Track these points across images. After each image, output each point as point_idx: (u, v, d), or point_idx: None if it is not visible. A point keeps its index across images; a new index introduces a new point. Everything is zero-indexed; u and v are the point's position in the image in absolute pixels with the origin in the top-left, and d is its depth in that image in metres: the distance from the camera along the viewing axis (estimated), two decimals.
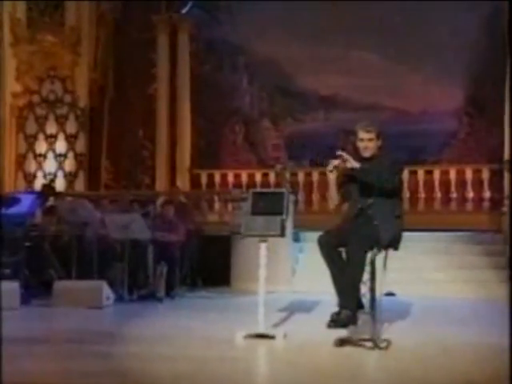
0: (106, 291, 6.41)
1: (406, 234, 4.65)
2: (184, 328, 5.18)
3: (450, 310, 6.28)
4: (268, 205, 4.60)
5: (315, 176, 10.31)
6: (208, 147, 11.41)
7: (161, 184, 10.85)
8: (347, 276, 4.40)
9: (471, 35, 10.06)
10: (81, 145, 10.84)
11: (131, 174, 11.11)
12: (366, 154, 4.61)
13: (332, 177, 4.55)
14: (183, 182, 10.83)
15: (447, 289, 7.33)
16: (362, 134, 4.60)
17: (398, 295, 7.04)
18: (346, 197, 4.68)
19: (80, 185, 10.76)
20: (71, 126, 10.85)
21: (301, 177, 10.45)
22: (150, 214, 7.59)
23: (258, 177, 10.68)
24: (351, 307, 4.40)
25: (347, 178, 4.60)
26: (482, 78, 10.10)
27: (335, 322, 4.41)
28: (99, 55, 10.82)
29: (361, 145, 4.62)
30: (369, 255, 4.41)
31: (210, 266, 8.24)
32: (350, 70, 10.65)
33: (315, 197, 10.29)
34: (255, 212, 4.60)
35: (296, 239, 8.39)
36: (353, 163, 4.44)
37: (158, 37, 10.94)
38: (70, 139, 10.85)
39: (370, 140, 4.59)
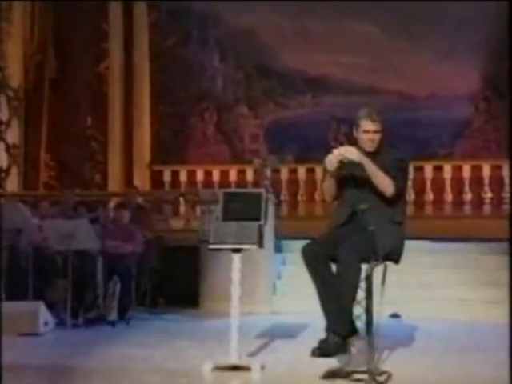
0: (44, 315, 6.34)
1: (409, 244, 4.68)
2: (141, 359, 5.16)
3: (464, 337, 6.31)
4: (243, 208, 4.61)
5: (301, 173, 10.35)
6: (172, 138, 11.39)
7: (114, 183, 10.83)
8: (337, 294, 4.43)
9: (490, 6, 10.15)
10: (14, 134, 10.75)
11: (77, 170, 11.05)
12: (371, 148, 4.61)
13: (331, 169, 4.51)
14: (142, 181, 10.81)
15: (461, 310, 7.38)
16: (368, 125, 4.60)
17: (402, 317, 7.09)
18: (337, 195, 4.71)
19: (13, 183, 10.67)
20: (1, 111, 10.74)
21: (284, 174, 10.49)
22: (100, 220, 7.53)
23: (233, 174, 10.70)
24: (342, 332, 4.43)
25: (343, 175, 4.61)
26: (501, 56, 10.17)
27: (321, 349, 4.43)
28: (36, 25, 10.73)
29: (364, 137, 4.62)
30: (364, 269, 4.43)
31: (173, 283, 8.22)
32: (344, 46, 10.71)
33: (301, 198, 10.33)
34: (227, 217, 4.61)
35: (278, 249, 8.41)
36: (358, 155, 4.40)
37: (109, 4, 10.90)
38: (0, 127, 10.76)
39: (376, 132, 4.61)
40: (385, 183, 4.48)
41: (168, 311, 7.76)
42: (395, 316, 6.80)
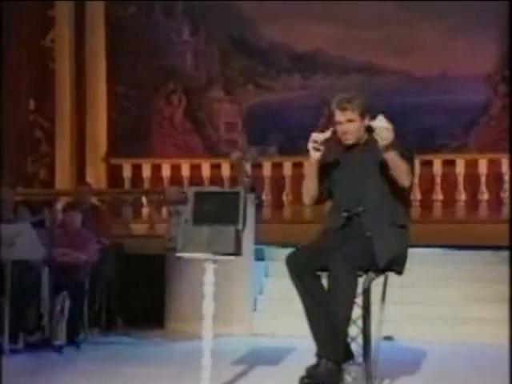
0: None
1: (414, 252, 4.72)
2: None
3: (482, 364, 6.36)
4: (218, 210, 4.62)
5: (287, 168, 10.37)
6: (133, 126, 11.38)
7: (63, 179, 10.81)
8: (329, 312, 4.44)
9: None
10: None
11: (18, 164, 11.00)
12: (348, 140, 4.68)
13: (315, 157, 4.57)
14: (96, 177, 10.79)
15: (478, 331, 7.43)
16: (338, 115, 4.66)
17: (397, 340, 7.12)
18: (326, 195, 4.73)
19: None
20: None
21: (267, 169, 10.52)
22: (46, 224, 7.50)
23: (206, 169, 10.71)
24: (335, 357, 4.43)
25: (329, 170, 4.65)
26: None
27: (311, 378, 4.44)
28: None
29: (338, 129, 4.69)
30: (361, 282, 4.46)
31: (134, 299, 8.23)
32: (338, 17, 10.74)
33: (287, 198, 10.36)
34: (199, 220, 4.62)
35: (259, 258, 8.44)
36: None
37: None
38: None
39: (351, 121, 4.65)
40: (404, 170, 4.46)
41: (127, 333, 7.76)
42: (388, 338, 6.85)
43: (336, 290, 4.41)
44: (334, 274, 4.43)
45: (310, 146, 4.60)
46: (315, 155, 4.62)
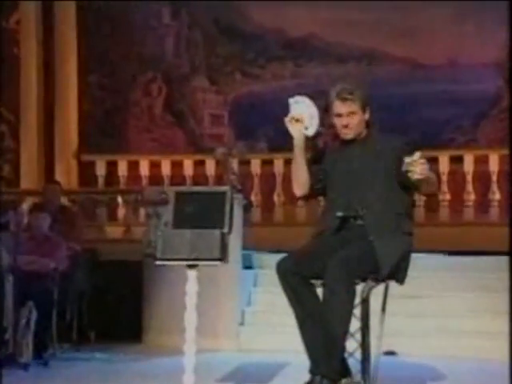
0: None
1: (418, 258, 4.73)
2: None
3: (487, 381, 6.38)
4: (201, 211, 4.63)
5: (278, 165, 10.37)
6: (107, 119, 11.37)
7: (29, 178, 10.79)
8: (324, 325, 4.43)
9: None
10: None
11: None
12: (347, 135, 4.68)
13: (296, 134, 4.62)
14: (66, 175, 10.77)
15: (487, 346, 7.44)
16: (338, 106, 4.65)
17: (399, 355, 7.15)
18: (320, 188, 4.73)
19: None
20: None
21: (255, 167, 10.52)
22: (10, 227, 7.49)
23: (188, 167, 10.71)
24: (330, 374, 4.43)
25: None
26: None
27: None
28: None
29: (337, 122, 4.68)
30: (359, 291, 4.46)
31: (109, 310, 8.23)
32: None
33: (279, 199, 10.35)
34: (181, 223, 4.62)
35: (247, 266, 8.45)
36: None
37: None
38: None
39: (352, 114, 4.65)
40: (436, 182, 4.59)
41: (101, 348, 7.74)
42: (390, 353, 6.87)
43: (332, 301, 4.40)
44: (330, 282, 4.41)
45: (287, 120, 4.63)
46: (294, 131, 4.63)
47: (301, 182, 4.76)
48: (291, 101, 4.71)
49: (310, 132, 4.69)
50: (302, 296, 4.54)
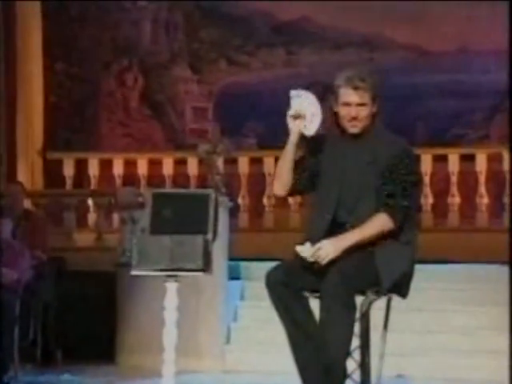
0: None
1: (424, 269, 4.73)
2: None
3: None
4: (182, 216, 4.63)
5: (268, 164, 10.38)
6: (76, 112, 11.36)
7: None
8: (320, 344, 4.42)
9: None
10: None
11: None
12: (354, 128, 4.65)
13: (295, 129, 4.62)
14: (30, 175, 10.76)
15: (499, 365, 7.45)
16: (348, 95, 4.61)
17: (402, 376, 7.17)
18: (302, 185, 4.73)
19: None
20: None
21: (243, 165, 10.53)
22: None
23: (168, 166, 10.71)
24: None
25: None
26: None
27: None
28: None
29: (344, 112, 4.64)
30: (358, 304, 4.46)
31: (78, 327, 8.21)
32: None
33: (269, 201, 10.37)
34: (159, 228, 4.62)
35: (234, 276, 8.46)
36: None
37: None
38: None
39: (362, 105, 4.62)
40: (377, 233, 4.50)
41: (69, 369, 7.74)
42: (400, 377, 6.92)
43: (330, 321, 4.38)
44: (327, 299, 4.40)
45: (290, 115, 4.63)
46: (294, 125, 4.64)
47: (284, 181, 4.74)
48: (293, 93, 4.70)
49: (310, 132, 4.68)
50: (294, 311, 4.53)
